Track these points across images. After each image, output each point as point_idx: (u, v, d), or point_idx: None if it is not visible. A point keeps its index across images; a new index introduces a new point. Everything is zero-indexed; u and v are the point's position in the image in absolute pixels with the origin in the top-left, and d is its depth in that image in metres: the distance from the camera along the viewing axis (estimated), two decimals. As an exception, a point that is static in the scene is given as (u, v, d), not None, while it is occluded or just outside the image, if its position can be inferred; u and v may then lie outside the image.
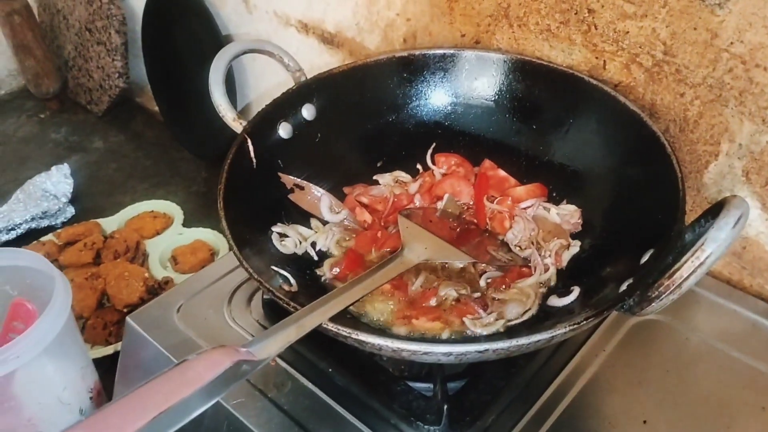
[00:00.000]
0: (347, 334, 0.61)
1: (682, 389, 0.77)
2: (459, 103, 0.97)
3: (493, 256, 0.83)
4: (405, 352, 0.61)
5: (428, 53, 0.96)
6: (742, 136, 0.81)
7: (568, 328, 0.61)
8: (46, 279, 0.85)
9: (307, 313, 0.62)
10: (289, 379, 0.78)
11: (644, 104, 0.88)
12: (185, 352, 0.81)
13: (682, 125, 0.86)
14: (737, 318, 0.86)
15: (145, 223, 1.34)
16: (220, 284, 0.91)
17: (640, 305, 0.62)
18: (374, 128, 0.98)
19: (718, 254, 0.57)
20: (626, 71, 0.88)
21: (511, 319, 0.77)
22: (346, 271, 0.82)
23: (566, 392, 0.77)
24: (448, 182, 0.92)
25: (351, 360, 0.79)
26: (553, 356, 0.81)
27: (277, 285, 0.75)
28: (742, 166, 0.83)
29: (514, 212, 0.88)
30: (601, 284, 0.75)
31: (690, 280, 0.58)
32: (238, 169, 0.81)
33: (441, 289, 0.79)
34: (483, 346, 0.59)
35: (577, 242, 0.85)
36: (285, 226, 0.85)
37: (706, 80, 0.81)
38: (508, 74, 0.94)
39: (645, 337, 0.83)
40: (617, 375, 0.79)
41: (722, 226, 0.58)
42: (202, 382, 0.50)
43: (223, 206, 0.75)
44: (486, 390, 0.76)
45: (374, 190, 0.94)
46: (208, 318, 0.86)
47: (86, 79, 1.79)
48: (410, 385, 0.77)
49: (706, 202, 0.88)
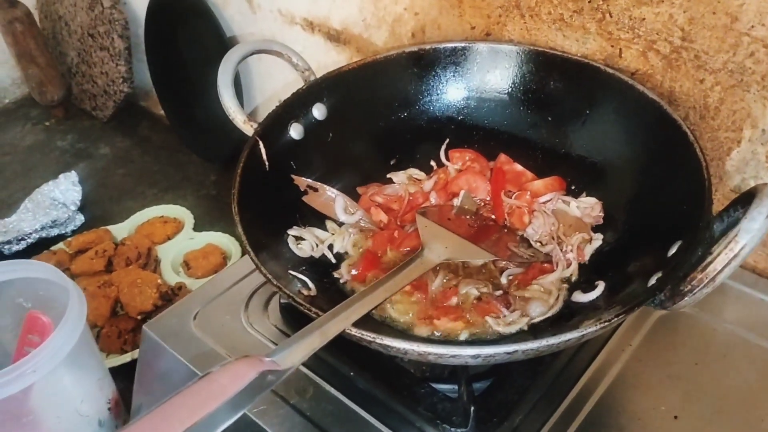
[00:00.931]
0: (371, 339, 0.60)
1: (712, 382, 0.76)
2: (472, 97, 0.96)
3: (514, 252, 0.81)
4: (431, 355, 0.60)
5: (439, 47, 0.94)
6: (765, 121, 0.79)
7: (599, 325, 0.59)
8: (59, 290, 0.84)
9: (329, 318, 0.60)
10: (311, 385, 0.77)
11: (663, 92, 0.86)
12: (204, 360, 0.80)
13: (703, 112, 0.84)
14: (764, 307, 0.84)
15: (156, 229, 1.33)
16: (236, 289, 0.90)
17: (672, 299, 0.60)
18: (386, 126, 0.96)
19: (752, 245, 0.56)
20: (643, 59, 0.86)
21: (535, 317, 0.75)
22: (364, 272, 0.81)
23: (594, 389, 0.75)
24: (464, 178, 0.91)
25: (373, 363, 0.78)
26: (578, 353, 0.79)
27: (296, 290, 0.73)
28: (765, 152, 0.81)
29: (533, 207, 0.86)
30: (627, 279, 0.73)
31: (724, 272, 0.57)
32: (251, 172, 0.80)
33: (461, 288, 0.78)
34: (512, 347, 0.58)
35: (600, 236, 0.83)
36: (301, 229, 0.84)
37: (726, 65, 0.79)
38: (521, 66, 0.92)
39: (671, 330, 0.82)
40: (645, 370, 0.77)
41: (755, 216, 0.56)
42: (228, 395, 0.48)
43: (238, 211, 0.73)
44: (512, 390, 0.75)
45: (389, 189, 0.93)
46: (226, 324, 0.85)
47: (90, 85, 1.78)
48: (434, 386, 0.75)
49: (729, 190, 0.86)
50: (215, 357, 0.81)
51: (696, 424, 0.71)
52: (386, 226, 0.88)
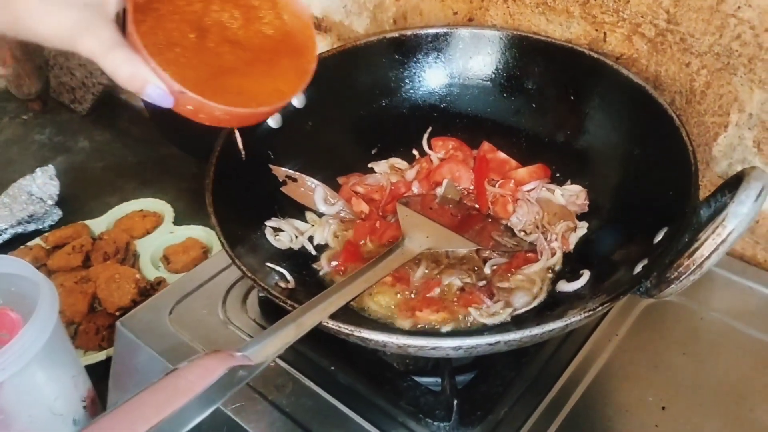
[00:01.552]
0: (349, 331, 0.58)
1: (700, 372, 0.74)
2: (454, 84, 0.94)
3: (497, 241, 0.79)
4: (411, 347, 0.58)
5: (420, 33, 0.92)
6: (752, 105, 0.78)
7: (582, 315, 0.58)
8: (31, 285, 0.81)
9: (306, 311, 0.58)
10: (290, 380, 0.75)
11: (648, 76, 0.84)
12: (180, 356, 0.78)
13: (689, 96, 0.82)
14: (752, 295, 0.83)
15: (135, 223, 1.30)
16: (214, 283, 0.88)
17: (658, 287, 0.59)
18: (367, 114, 0.94)
19: (740, 230, 0.54)
20: (628, 43, 0.84)
21: (519, 308, 0.74)
22: (345, 263, 0.79)
23: (580, 380, 0.74)
24: (447, 167, 0.89)
25: (354, 357, 0.76)
26: (564, 343, 0.77)
27: (273, 282, 0.71)
28: (753, 136, 0.80)
29: (517, 195, 0.85)
30: (613, 267, 0.72)
31: (711, 258, 0.55)
32: (227, 162, 0.77)
33: (444, 279, 0.76)
34: (494, 338, 0.56)
35: (585, 224, 0.81)
36: (279, 221, 0.82)
37: (712, 48, 0.78)
38: (504, 51, 0.90)
39: (658, 320, 0.80)
40: (632, 360, 0.76)
41: (743, 200, 0.55)
42: (195, 392, 0.46)
43: (212, 201, 0.71)
44: (496, 382, 0.73)
45: (370, 179, 0.91)
46: (203, 319, 0.83)
47: (69, 78, 1.74)
48: (417, 380, 0.73)
49: (716, 176, 0.85)
50: (192, 353, 0.77)
51: (684, 415, 0.70)
52: (368, 217, 0.86)
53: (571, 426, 0.69)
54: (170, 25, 0.61)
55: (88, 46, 0.53)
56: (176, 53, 0.60)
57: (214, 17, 0.64)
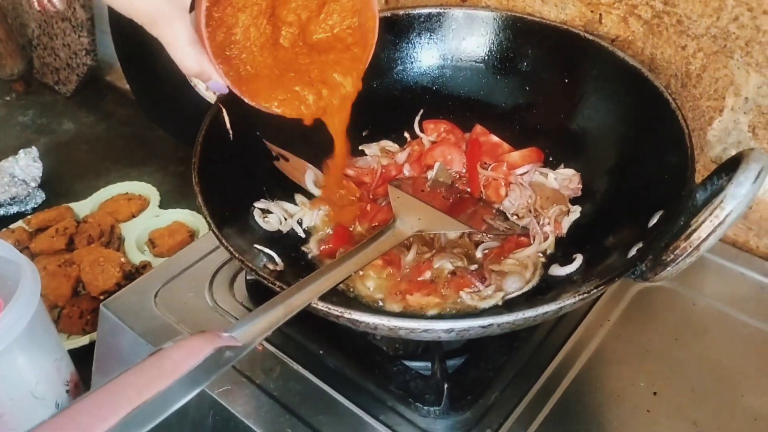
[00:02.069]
0: (339, 313, 0.57)
1: (691, 357, 0.74)
2: (447, 66, 0.92)
3: (489, 225, 0.78)
4: (402, 330, 0.56)
5: (413, 12, 0.90)
6: (748, 89, 0.77)
7: (577, 297, 0.57)
8: (13, 267, 0.79)
9: (295, 292, 0.57)
10: (278, 363, 0.73)
11: (644, 59, 0.83)
12: (165, 339, 0.74)
13: (684, 80, 0.81)
14: (744, 281, 0.83)
15: (120, 206, 1.27)
16: (200, 266, 0.86)
17: (653, 270, 0.58)
18: (358, 95, 0.92)
19: (739, 212, 0.53)
20: (624, 24, 0.83)
21: (511, 292, 0.72)
22: (335, 246, 0.77)
23: (571, 365, 0.73)
24: (439, 150, 0.87)
25: (343, 340, 0.75)
26: (555, 328, 0.77)
27: (261, 264, 0.70)
28: (748, 121, 0.79)
29: (509, 179, 0.83)
30: (606, 251, 0.71)
31: (709, 240, 0.54)
32: (214, 142, 0.76)
33: (435, 262, 0.75)
34: (487, 320, 0.55)
35: (578, 208, 0.81)
36: (269, 202, 0.80)
37: (709, 30, 0.77)
38: (498, 33, 0.89)
39: (650, 305, 0.80)
40: (623, 345, 0.75)
41: (742, 182, 0.54)
42: (180, 373, 0.45)
43: (198, 181, 0.69)
44: (487, 366, 0.72)
45: (360, 162, 0.89)
46: (189, 302, 0.81)
47: (52, 58, 1.70)
48: (407, 364, 0.72)
49: (710, 161, 0.84)
50: (177, 336, 0.76)
51: (675, 400, 0.70)
52: (358, 200, 0.85)
53: (562, 411, 0.69)
54: (235, 20, 0.65)
55: (164, 35, 0.59)
56: (238, 50, 0.66)
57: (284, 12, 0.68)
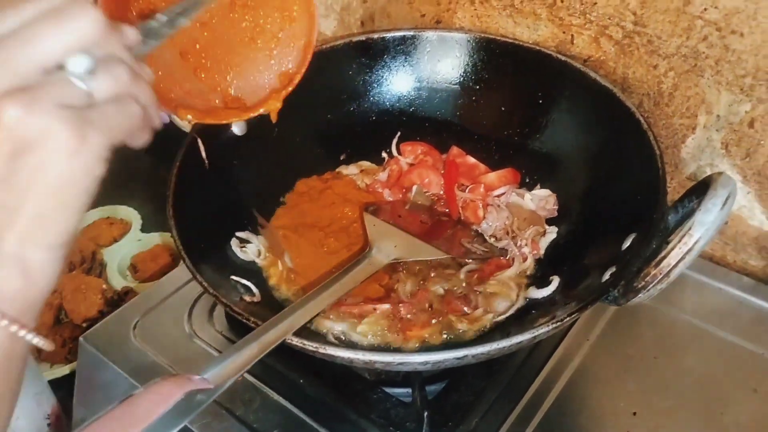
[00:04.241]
0: (314, 348, 0.57)
1: (671, 376, 0.74)
2: (423, 88, 0.92)
3: (467, 249, 0.78)
4: (378, 363, 0.57)
5: (387, 36, 0.90)
6: (719, 107, 0.77)
7: (550, 326, 0.57)
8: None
9: (269, 328, 0.57)
10: (258, 394, 0.73)
11: (616, 79, 0.83)
12: (145, 373, 0.76)
13: (657, 99, 0.82)
14: (722, 296, 0.83)
15: (101, 231, 1.26)
16: (179, 295, 0.85)
17: (625, 296, 0.58)
18: (335, 119, 0.92)
19: (707, 238, 0.54)
20: (595, 45, 0.83)
21: (500, 313, 0.73)
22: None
23: (551, 387, 0.73)
24: (416, 172, 0.88)
25: (324, 368, 0.74)
26: (535, 350, 0.77)
27: (238, 296, 0.69)
28: (720, 138, 0.79)
29: (487, 201, 0.84)
30: (583, 273, 0.71)
31: (678, 267, 0.55)
32: (190, 172, 0.75)
33: (431, 287, 0.75)
34: (461, 352, 0.55)
35: (554, 228, 0.81)
36: (250, 234, 0.80)
37: (679, 50, 0.77)
38: (472, 54, 0.89)
39: (629, 323, 0.80)
40: (603, 365, 0.75)
41: (710, 208, 0.54)
42: (150, 420, 0.44)
43: (173, 214, 0.69)
44: (467, 391, 0.72)
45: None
46: (168, 333, 0.80)
47: (32, 81, 1.70)
48: (387, 391, 0.72)
49: (685, 178, 0.85)
50: (157, 369, 0.76)
51: (655, 420, 0.70)
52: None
53: (544, 434, 0.69)
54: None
55: None
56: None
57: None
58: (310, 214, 0.83)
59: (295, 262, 0.77)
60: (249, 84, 0.70)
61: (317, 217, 0.83)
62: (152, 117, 0.48)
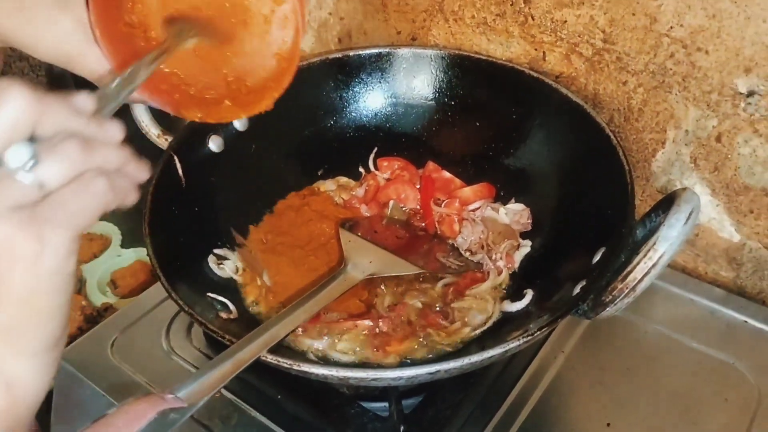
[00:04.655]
0: (288, 365, 0.57)
1: (644, 387, 0.75)
2: (399, 104, 0.94)
3: (443, 263, 0.79)
4: (352, 379, 0.57)
5: (363, 53, 0.91)
6: (687, 122, 0.79)
7: (522, 340, 0.58)
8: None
9: (243, 345, 0.57)
10: (236, 411, 0.74)
11: (587, 95, 0.85)
12: (122, 391, 0.76)
13: (627, 114, 0.84)
14: (695, 307, 0.84)
15: (81, 247, 1.24)
16: (157, 312, 0.85)
17: (594, 310, 0.59)
18: (312, 135, 0.93)
19: (671, 253, 0.55)
20: (566, 62, 0.85)
21: (477, 326, 0.73)
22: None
23: (527, 399, 0.74)
24: (393, 188, 0.89)
25: (301, 384, 0.74)
26: (511, 362, 0.78)
27: (215, 313, 0.70)
28: (689, 152, 0.81)
29: (462, 215, 0.85)
30: (555, 286, 0.72)
31: (644, 282, 0.56)
32: (166, 190, 0.76)
33: (408, 300, 0.76)
34: (434, 367, 0.56)
35: (528, 242, 0.82)
36: (227, 251, 0.80)
37: (648, 67, 0.79)
38: (446, 71, 0.90)
39: (603, 335, 0.81)
40: (578, 376, 0.77)
41: (673, 223, 0.56)
42: (123, 440, 0.45)
43: (149, 232, 0.70)
44: (444, 405, 0.73)
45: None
46: (145, 351, 0.80)
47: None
48: (364, 406, 0.73)
49: (656, 191, 0.86)
50: (134, 387, 0.76)
51: (628, 431, 0.71)
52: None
53: (519, 447, 0.70)
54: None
55: (84, 72, 0.55)
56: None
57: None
58: (288, 233, 0.84)
59: (273, 281, 0.78)
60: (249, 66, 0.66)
61: (296, 235, 0.83)
62: (133, 175, 0.42)
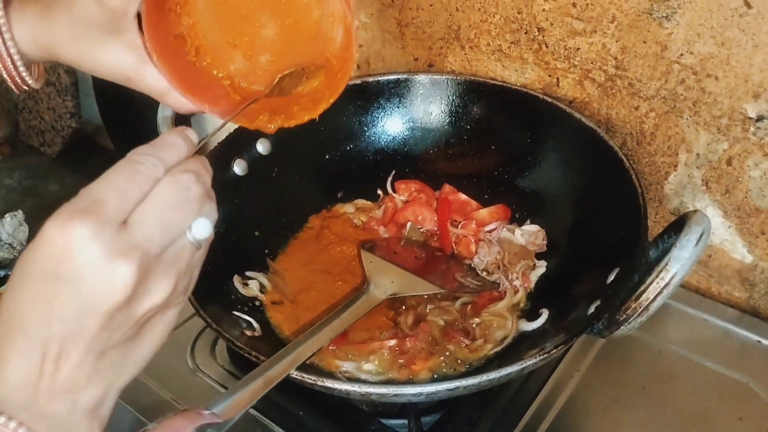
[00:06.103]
0: (312, 381, 0.59)
1: (659, 405, 0.76)
2: (416, 128, 0.96)
3: (461, 283, 0.81)
4: (374, 395, 0.59)
5: (381, 79, 0.95)
6: (699, 145, 0.81)
7: (538, 357, 0.60)
8: None
9: (273, 363, 0.59)
10: (258, 427, 0.75)
11: (600, 119, 0.87)
12: (150, 407, 0.78)
13: (639, 138, 0.86)
14: (708, 327, 0.85)
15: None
16: (182, 329, 0.87)
17: (609, 329, 0.61)
18: (332, 158, 0.96)
19: (683, 274, 0.57)
20: (580, 87, 0.88)
21: (498, 343, 0.75)
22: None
23: (544, 417, 0.76)
24: (410, 209, 0.91)
25: (322, 400, 0.77)
26: (527, 381, 0.79)
27: (240, 331, 0.72)
28: (701, 175, 0.83)
29: (479, 236, 0.87)
30: (571, 305, 0.74)
31: (657, 301, 0.58)
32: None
33: (431, 318, 0.77)
34: (453, 384, 0.58)
35: (543, 262, 0.84)
36: (256, 273, 0.83)
37: (659, 92, 0.81)
38: (462, 96, 0.93)
39: (618, 354, 0.83)
40: (593, 395, 0.78)
41: (685, 245, 0.57)
42: (162, 453, 0.47)
43: (178, 253, 0.72)
44: (462, 422, 0.74)
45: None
46: (171, 367, 0.83)
47: (38, 121, 1.74)
48: (384, 422, 0.75)
49: (668, 213, 0.88)
50: (161, 403, 0.79)
51: (643, 449, 0.72)
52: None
53: (535, 464, 0.71)
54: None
55: (144, 87, 0.61)
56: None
57: None
58: (314, 261, 0.86)
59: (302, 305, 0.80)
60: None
61: (320, 261, 0.86)
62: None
